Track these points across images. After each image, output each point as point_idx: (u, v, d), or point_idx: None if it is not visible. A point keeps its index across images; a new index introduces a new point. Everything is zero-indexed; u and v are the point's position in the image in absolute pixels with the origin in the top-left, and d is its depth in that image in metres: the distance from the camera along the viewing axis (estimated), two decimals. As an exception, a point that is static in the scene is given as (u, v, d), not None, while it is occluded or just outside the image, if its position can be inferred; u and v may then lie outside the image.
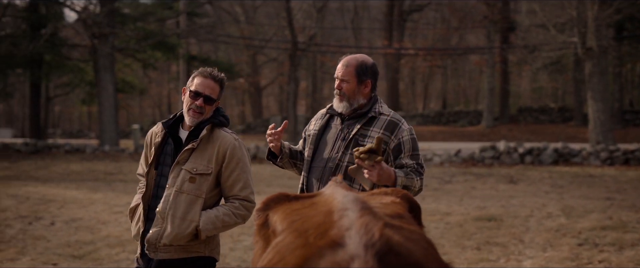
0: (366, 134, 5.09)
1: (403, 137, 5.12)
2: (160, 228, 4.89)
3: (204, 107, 4.96)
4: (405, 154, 5.09)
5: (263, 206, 2.99)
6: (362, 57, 5.25)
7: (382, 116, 5.18)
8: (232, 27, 53.78)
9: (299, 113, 41.84)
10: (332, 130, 5.24)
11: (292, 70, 36.42)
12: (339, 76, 5.18)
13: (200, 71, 5.05)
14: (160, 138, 5.07)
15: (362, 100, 5.18)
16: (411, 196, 3.13)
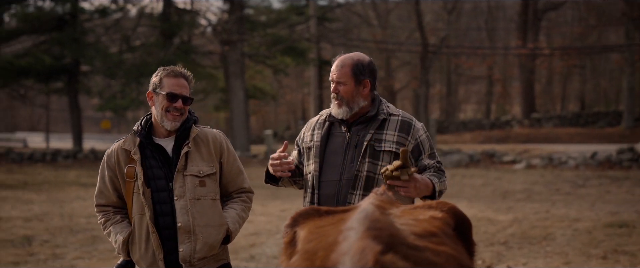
0: (381, 139, 4.67)
1: (420, 137, 4.72)
2: (190, 243, 4.51)
3: (184, 108, 4.59)
4: (425, 154, 4.70)
5: (291, 222, 2.65)
6: (357, 56, 4.77)
7: (392, 117, 4.74)
8: (365, 30, 53.59)
9: (432, 116, 41.28)
10: (338, 138, 4.78)
11: (423, 73, 35.88)
12: (334, 79, 4.73)
13: (167, 71, 4.63)
14: (139, 154, 4.61)
15: (363, 102, 4.72)
16: (458, 210, 2.73)
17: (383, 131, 4.68)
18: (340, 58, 4.76)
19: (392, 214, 2.46)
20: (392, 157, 4.64)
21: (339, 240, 1.96)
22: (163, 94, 4.52)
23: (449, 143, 37.75)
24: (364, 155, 4.62)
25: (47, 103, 51.46)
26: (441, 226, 2.43)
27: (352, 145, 4.70)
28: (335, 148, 4.75)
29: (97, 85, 37.30)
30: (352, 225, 2.03)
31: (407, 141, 4.67)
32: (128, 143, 4.63)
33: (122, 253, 4.63)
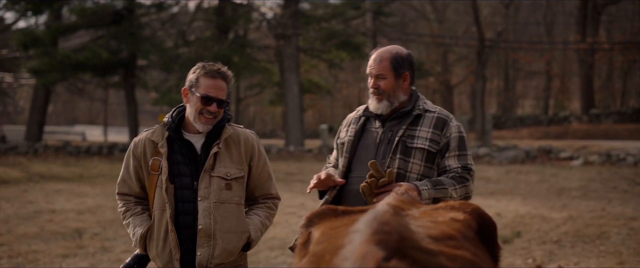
0: (414, 135, 4.48)
1: (451, 135, 4.51)
2: (209, 247, 4.34)
3: (218, 111, 4.39)
4: (450, 154, 4.48)
5: (306, 222, 2.53)
6: (396, 49, 4.60)
7: (428, 113, 4.55)
8: (421, 25, 53.21)
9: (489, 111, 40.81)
10: (371, 134, 4.62)
11: (480, 68, 35.45)
12: (373, 73, 4.56)
13: (206, 70, 4.42)
14: (166, 147, 4.44)
15: (403, 96, 4.56)
16: (483, 212, 2.58)
17: (417, 127, 4.53)
18: (378, 51, 4.61)
19: (410, 215, 2.34)
20: (425, 155, 4.48)
21: (345, 244, 1.85)
22: (198, 96, 4.34)
23: (505, 138, 37.30)
24: (396, 151, 4.47)
25: (106, 97, 52.11)
26: (461, 229, 2.30)
27: (385, 141, 4.55)
28: (368, 144, 4.61)
29: (152, 79, 37.60)
30: (359, 228, 1.92)
31: (440, 138, 4.50)
32: (156, 135, 4.49)
33: (139, 247, 4.51)
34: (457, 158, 4.52)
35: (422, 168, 4.50)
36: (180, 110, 4.56)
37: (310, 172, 23.62)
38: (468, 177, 4.49)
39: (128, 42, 31.24)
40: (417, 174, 4.49)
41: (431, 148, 4.49)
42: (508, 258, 9.75)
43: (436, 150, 4.51)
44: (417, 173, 4.49)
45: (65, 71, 31.88)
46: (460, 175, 4.46)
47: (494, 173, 21.83)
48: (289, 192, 17.97)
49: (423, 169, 4.50)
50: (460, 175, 4.46)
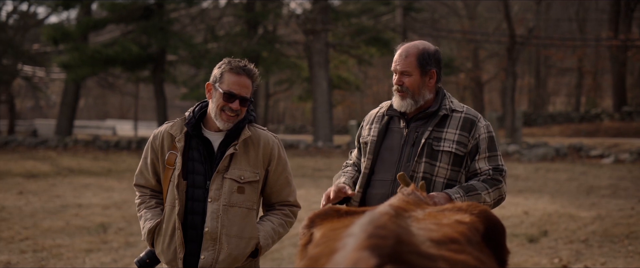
0: (440, 137, 4.29)
1: (480, 136, 4.31)
2: (213, 251, 4.20)
3: (240, 109, 4.23)
4: (480, 156, 4.28)
5: (309, 223, 2.44)
6: (423, 44, 4.41)
7: (455, 113, 4.35)
8: (452, 21, 52.90)
9: (520, 108, 40.49)
10: (396, 134, 4.42)
11: (510, 64, 35.17)
12: (398, 69, 4.37)
13: (231, 66, 4.25)
14: (183, 142, 4.30)
15: (429, 94, 4.36)
16: (491, 214, 2.48)
17: (443, 129, 4.36)
18: (404, 47, 4.46)
19: (413, 217, 2.25)
20: (452, 158, 4.32)
21: (338, 248, 1.77)
22: (221, 92, 4.20)
23: (536, 136, 37.00)
24: (421, 155, 4.31)
25: (136, 91, 52.32)
26: (466, 232, 2.21)
27: (410, 143, 4.38)
28: (392, 145, 4.44)
29: (181, 74, 37.69)
30: (353, 231, 1.83)
31: (468, 141, 4.33)
32: (175, 129, 4.36)
33: (147, 241, 4.41)
34: (488, 160, 4.37)
35: (449, 172, 4.35)
36: (203, 105, 4.43)
37: (338, 168, 23.53)
38: (500, 178, 4.34)
39: (157, 37, 31.35)
40: (444, 178, 4.34)
41: (459, 151, 4.34)
42: (534, 258, 9.62)
43: (464, 153, 4.36)
44: (444, 178, 4.33)
45: (95, 66, 32.05)
46: (492, 178, 4.31)
47: (523, 171, 21.63)
48: (316, 188, 17.92)
49: (450, 173, 4.35)
50: (492, 177, 4.31)
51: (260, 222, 4.42)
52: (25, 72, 47.55)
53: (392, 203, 2.36)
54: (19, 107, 66.96)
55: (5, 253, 10.27)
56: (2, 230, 12.07)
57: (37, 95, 65.76)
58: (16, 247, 10.66)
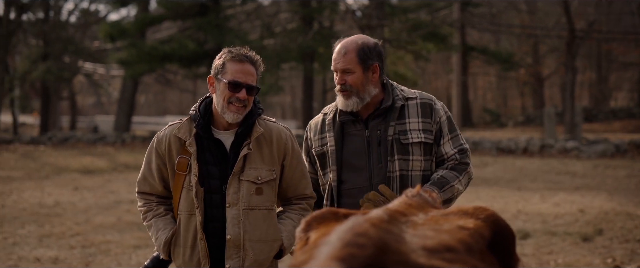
0: (405, 129, 4.09)
1: (441, 118, 4.15)
2: (238, 259, 4.00)
3: (248, 99, 4.00)
4: (444, 139, 4.13)
5: (305, 226, 2.30)
6: (361, 39, 4.19)
7: (410, 101, 4.17)
8: (511, 15, 52.18)
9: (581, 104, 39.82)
10: (355, 138, 4.21)
11: (569, 59, 34.56)
12: (338, 68, 4.15)
13: (232, 54, 4.04)
14: (195, 146, 4.07)
15: (374, 89, 4.15)
16: (499, 219, 2.32)
17: (405, 120, 4.16)
18: (342, 43, 4.24)
19: (410, 222, 2.11)
20: (423, 148, 4.13)
21: (313, 257, 1.65)
22: (225, 82, 4.00)
23: (596, 132, 36.34)
24: (392, 152, 4.11)
25: (194, 88, 52.69)
26: (466, 239, 2.07)
27: (375, 143, 4.17)
28: (356, 150, 4.22)
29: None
30: (330, 239, 1.71)
31: (431, 126, 4.16)
32: (183, 131, 4.13)
33: (163, 253, 4.16)
34: (452, 142, 4.21)
35: (423, 164, 4.18)
36: (207, 102, 4.22)
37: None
38: (467, 160, 4.20)
39: (213, 33, 31.46)
40: (419, 171, 4.17)
41: (428, 139, 4.18)
42: (586, 257, 9.38)
43: (432, 141, 4.19)
44: (419, 170, 4.17)
45: (152, 62, 32.26)
46: (460, 162, 4.16)
47: (581, 168, 21.21)
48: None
49: (423, 164, 4.18)
50: (460, 161, 4.16)
51: (280, 221, 4.22)
52: (86, 69, 48.19)
53: (390, 207, 2.23)
54: (81, 103, 67.97)
55: (54, 249, 10.35)
56: (54, 225, 12.18)
57: (98, 92, 66.57)
58: (66, 243, 10.74)
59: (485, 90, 62.09)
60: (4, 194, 16.52)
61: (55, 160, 25.66)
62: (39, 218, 12.93)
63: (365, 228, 1.79)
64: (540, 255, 9.61)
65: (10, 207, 14.47)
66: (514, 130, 40.77)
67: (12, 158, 26.91)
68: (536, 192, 15.93)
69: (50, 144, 32.48)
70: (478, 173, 19.98)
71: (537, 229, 11.28)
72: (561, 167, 21.57)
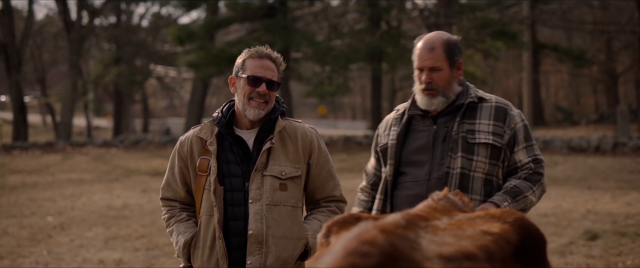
0: (474, 129, 3.94)
1: (516, 125, 3.98)
2: (260, 255, 3.87)
3: (268, 93, 3.92)
4: (519, 147, 3.96)
5: (326, 231, 2.21)
6: (445, 34, 4.06)
7: (484, 103, 4.00)
8: (584, 11, 51.21)
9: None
10: (423, 134, 4.07)
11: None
12: (426, 66, 3.97)
13: (250, 52, 3.98)
14: (216, 145, 4.01)
15: (458, 87, 4.01)
16: (528, 223, 2.20)
17: (475, 120, 4.02)
18: (427, 39, 4.09)
19: (431, 227, 2.00)
20: (489, 150, 3.98)
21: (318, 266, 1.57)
22: (244, 77, 3.94)
23: (673, 130, 35.45)
24: (456, 149, 3.96)
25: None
26: (489, 245, 1.95)
27: (440, 139, 4.03)
28: (421, 145, 4.10)
29: (306, 71, 37.86)
30: (335, 248, 1.62)
31: (504, 131, 3.99)
32: (204, 132, 4.07)
33: (182, 257, 4.06)
34: (526, 150, 4.04)
35: (487, 166, 4.03)
36: (231, 104, 4.15)
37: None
38: (541, 171, 4.03)
39: (281, 35, 31.53)
40: (482, 173, 4.02)
41: (496, 143, 4.01)
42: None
43: (501, 144, 4.02)
44: (482, 172, 4.02)
45: (221, 64, 32.43)
46: (534, 172, 3.99)
47: (655, 167, 20.70)
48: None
49: (488, 167, 4.03)
50: (534, 171, 3.99)
51: (306, 221, 4.10)
52: (157, 72, 48.85)
53: (410, 212, 2.12)
54: (153, 106, 68.93)
55: (119, 251, 10.45)
56: (120, 227, 12.31)
57: (170, 94, 67.44)
58: (131, 245, 10.84)
59: (557, 88, 61.09)
60: (74, 196, 16.78)
61: (126, 162, 26.01)
62: (107, 221, 13.09)
63: (372, 235, 1.69)
64: (608, 256, 9.35)
65: (79, 209, 14.69)
66: (586, 128, 40.03)
67: (84, 161, 27.37)
68: (607, 191, 15.58)
69: (122, 147, 32.93)
70: (548, 172, 19.57)
71: (607, 230, 11.00)
72: (634, 165, 21.07)
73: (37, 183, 19.98)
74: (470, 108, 4.07)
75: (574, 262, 9.14)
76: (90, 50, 49.05)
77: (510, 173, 4.10)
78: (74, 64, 38.19)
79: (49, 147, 33.35)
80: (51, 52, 56.60)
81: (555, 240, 10.41)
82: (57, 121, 45.19)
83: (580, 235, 10.68)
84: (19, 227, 12.57)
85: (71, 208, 14.85)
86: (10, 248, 10.73)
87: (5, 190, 18.37)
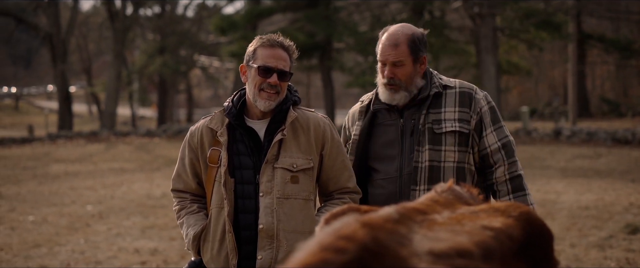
0: (440, 119, 3.84)
1: (482, 108, 3.87)
2: (271, 250, 3.77)
3: (280, 84, 3.80)
4: (487, 131, 3.85)
5: (323, 224, 2.10)
6: (411, 28, 3.94)
7: (448, 90, 3.90)
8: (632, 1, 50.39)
9: None
10: (390, 128, 3.98)
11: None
12: (389, 60, 3.88)
13: (262, 40, 3.85)
14: (226, 136, 3.89)
15: (421, 81, 3.91)
16: (534, 217, 2.08)
17: (441, 109, 3.93)
18: (391, 33, 3.98)
19: (427, 221, 1.89)
20: (457, 137, 3.88)
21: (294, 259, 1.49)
22: (255, 67, 3.83)
23: None
24: (423, 142, 3.88)
25: (308, 80, 52.93)
26: (488, 241, 1.84)
27: (408, 133, 3.95)
28: (389, 140, 4.01)
29: (349, 61, 37.70)
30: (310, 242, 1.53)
31: (470, 116, 3.90)
32: (215, 122, 3.96)
33: (192, 250, 3.99)
34: (495, 133, 3.94)
35: (457, 154, 3.92)
36: (241, 93, 4.03)
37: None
38: (514, 155, 3.98)
39: (323, 25, 31.43)
40: (453, 162, 3.92)
41: (463, 129, 3.91)
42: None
43: (469, 130, 3.92)
44: (453, 161, 3.92)
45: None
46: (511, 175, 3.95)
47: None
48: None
49: (458, 155, 3.93)
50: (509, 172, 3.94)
51: (319, 213, 3.97)
52: (201, 62, 49.03)
53: (407, 205, 2.02)
54: (198, 96, 69.25)
55: (155, 240, 10.48)
56: (158, 217, 12.36)
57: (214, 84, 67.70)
58: (167, 235, 10.86)
59: (603, 79, 60.21)
60: (114, 186, 16.89)
61: (168, 152, 26.14)
62: (145, 210, 13.14)
63: (352, 230, 1.59)
64: (649, 251, 9.17)
65: (119, 198, 14.78)
66: (632, 120, 39.39)
67: (126, 150, 27.58)
68: (651, 184, 15.30)
69: (165, 136, 33.12)
70: (590, 164, 19.36)
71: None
72: (681, 158, 20.71)
73: (79, 172, 20.16)
74: (436, 97, 3.98)
75: (613, 256, 8.96)
76: (134, 41, 49.36)
77: (482, 159, 4.01)
78: (119, 53, 38.51)
79: (93, 136, 33.68)
80: (96, 42, 57.08)
81: (595, 233, 10.24)
82: (102, 111, 45.58)
83: (621, 228, 10.48)
84: (58, 215, 12.68)
85: (111, 197, 14.95)
86: (49, 236, 10.82)
87: (48, 179, 18.56)
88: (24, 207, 13.62)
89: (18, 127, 53.15)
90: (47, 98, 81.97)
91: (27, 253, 9.72)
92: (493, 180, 3.98)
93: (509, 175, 3.95)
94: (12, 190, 16.34)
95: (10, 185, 17.21)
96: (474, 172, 4.02)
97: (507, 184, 3.94)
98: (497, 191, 3.98)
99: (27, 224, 11.85)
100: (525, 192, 3.96)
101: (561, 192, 14.41)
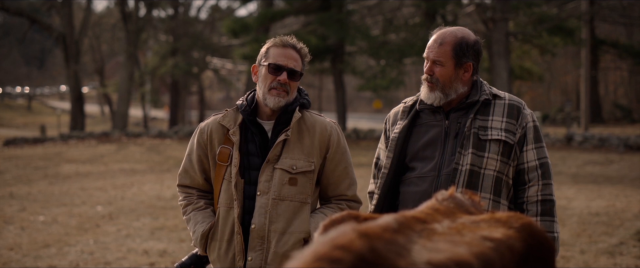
0: (486, 126, 3.82)
1: (527, 124, 3.85)
2: (261, 251, 3.78)
3: (289, 83, 3.82)
4: (528, 146, 3.84)
5: (322, 231, 2.09)
6: (462, 32, 3.88)
7: (498, 100, 3.87)
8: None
9: None
10: (433, 128, 3.94)
11: None
12: (430, 57, 3.85)
13: (275, 41, 3.88)
14: (239, 135, 3.89)
15: (462, 88, 3.87)
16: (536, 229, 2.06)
17: (488, 117, 3.90)
18: (441, 33, 3.97)
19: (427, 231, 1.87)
20: (501, 147, 3.87)
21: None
22: (266, 65, 3.86)
23: None
24: (467, 146, 3.85)
25: (320, 83, 52.92)
26: (487, 252, 1.82)
27: (452, 135, 3.93)
28: (430, 139, 3.98)
29: (361, 64, 37.66)
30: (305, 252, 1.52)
31: (516, 129, 3.89)
32: (228, 120, 3.95)
33: (199, 247, 3.99)
34: (536, 151, 3.92)
35: (499, 164, 3.91)
36: (254, 93, 4.04)
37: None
38: (550, 180, 3.94)
39: (335, 28, 31.41)
40: (494, 170, 3.90)
41: (508, 139, 3.90)
42: None
43: (513, 142, 3.91)
44: (494, 170, 3.90)
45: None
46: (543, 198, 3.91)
47: None
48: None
49: (499, 165, 3.91)
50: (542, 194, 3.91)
51: (312, 214, 3.96)
52: (214, 64, 49.06)
53: (407, 213, 2.00)
54: (210, 98, 69.33)
55: (164, 242, 10.49)
56: (168, 218, 12.37)
57: (226, 86, 67.76)
58: (176, 236, 10.87)
59: (616, 85, 59.97)
60: (125, 187, 16.92)
61: (179, 153, 26.16)
62: (155, 211, 13.16)
63: (349, 239, 1.58)
64: (659, 258, 9.12)
65: (129, 199, 14.80)
66: (645, 126, 39.25)
67: (138, 151, 27.63)
68: (663, 191, 15.23)
69: (176, 138, 33.17)
70: (602, 170, 19.28)
71: (660, 231, 10.74)
72: (693, 165, 20.61)
73: (90, 173, 20.21)
74: (484, 105, 3.96)
75: (623, 262, 8.93)
76: (147, 42, 49.41)
77: (518, 174, 3.99)
78: (131, 55, 38.58)
79: (105, 137, 33.76)
80: (109, 43, 57.26)
81: (606, 239, 10.20)
82: (114, 111, 45.69)
83: (632, 235, 10.44)
84: (68, 215, 12.71)
85: (121, 198, 14.97)
86: (58, 236, 10.84)
87: (59, 179, 18.61)
88: (34, 207, 13.67)
89: (30, 127, 53.39)
90: (60, 98, 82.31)
91: (37, 253, 9.75)
92: (524, 199, 3.96)
93: (541, 196, 3.92)
94: (23, 190, 16.40)
95: (21, 185, 17.28)
96: (511, 185, 4.00)
97: (538, 205, 3.92)
98: (526, 210, 3.95)
99: (37, 224, 11.89)
100: (553, 219, 3.93)
101: (572, 198, 14.36)
